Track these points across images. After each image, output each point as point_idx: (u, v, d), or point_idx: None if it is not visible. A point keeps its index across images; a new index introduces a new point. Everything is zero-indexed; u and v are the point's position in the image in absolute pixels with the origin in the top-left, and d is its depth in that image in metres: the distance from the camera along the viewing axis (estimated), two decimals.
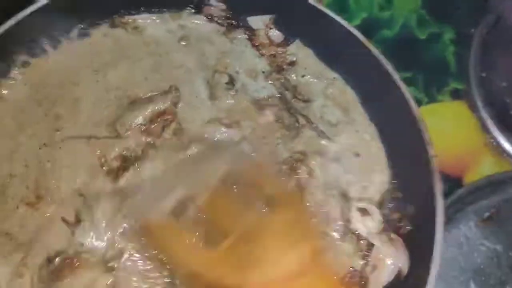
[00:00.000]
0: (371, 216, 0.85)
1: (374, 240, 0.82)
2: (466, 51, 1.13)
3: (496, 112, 1.07)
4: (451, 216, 0.97)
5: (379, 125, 0.91)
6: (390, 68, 0.85)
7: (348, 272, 0.80)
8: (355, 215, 0.84)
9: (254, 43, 0.95)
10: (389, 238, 0.83)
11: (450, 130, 1.08)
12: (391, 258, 0.81)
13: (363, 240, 0.82)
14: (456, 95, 1.11)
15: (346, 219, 0.83)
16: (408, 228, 0.84)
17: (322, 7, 0.89)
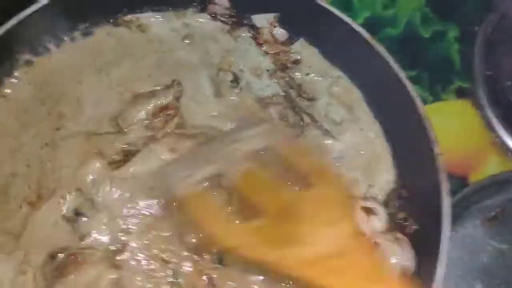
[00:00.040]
0: (376, 215, 0.84)
1: (379, 239, 0.82)
2: (470, 49, 1.13)
3: (501, 111, 1.06)
4: (456, 216, 0.96)
5: (384, 123, 0.91)
6: (396, 66, 0.84)
7: None
8: (360, 215, 0.83)
9: (258, 41, 0.95)
10: (394, 237, 0.83)
11: (455, 129, 1.07)
12: (397, 258, 0.81)
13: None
14: (461, 93, 1.10)
15: None
16: (414, 227, 0.84)
17: (327, 5, 0.88)
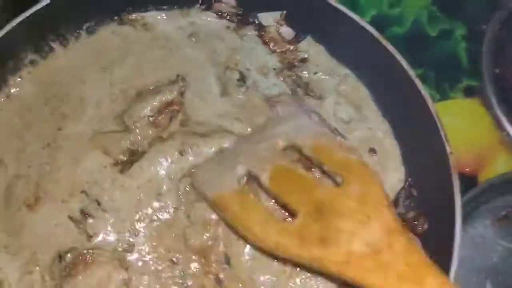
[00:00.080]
0: None
1: None
2: (478, 47, 1.12)
3: (510, 109, 1.05)
4: (466, 215, 0.95)
5: (392, 122, 0.90)
6: (405, 64, 0.83)
7: None
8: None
9: (264, 40, 0.94)
10: None
11: (463, 127, 1.06)
12: None
13: None
14: (469, 92, 1.09)
15: None
16: (424, 227, 0.83)
17: (335, 2, 0.87)
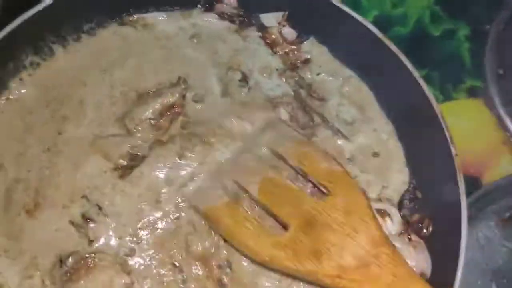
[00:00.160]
0: (390, 217, 0.82)
1: (395, 242, 0.80)
2: (481, 48, 1.11)
3: None
4: (471, 217, 0.92)
5: (396, 123, 0.89)
6: (409, 64, 0.83)
7: None
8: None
9: (267, 41, 0.93)
10: (410, 240, 0.81)
11: (467, 128, 1.06)
12: (413, 261, 0.79)
13: None
14: (472, 92, 1.09)
15: None
16: (429, 229, 0.82)
17: (337, 3, 0.86)
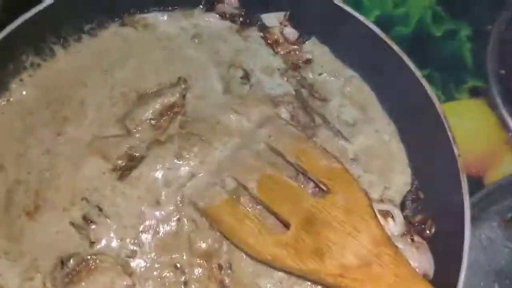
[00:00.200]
0: (393, 218, 0.82)
1: (397, 243, 0.79)
2: (483, 48, 1.11)
3: None
4: (473, 218, 0.92)
5: (398, 123, 0.89)
6: (411, 64, 0.82)
7: None
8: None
9: (268, 41, 0.93)
10: (412, 241, 0.81)
11: (469, 128, 1.05)
12: (415, 262, 0.78)
13: None
14: (474, 93, 1.08)
15: None
16: (432, 230, 0.82)
17: (339, 2, 0.86)
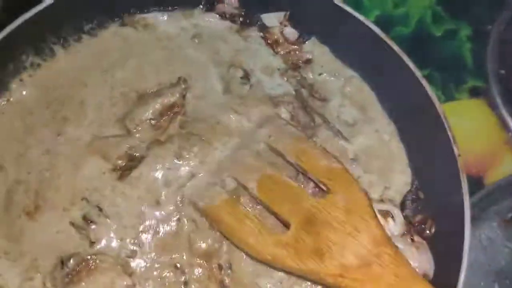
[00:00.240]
0: (393, 218, 0.82)
1: (397, 243, 0.79)
2: (483, 48, 1.11)
3: None
4: (473, 218, 0.92)
5: (398, 123, 0.89)
6: (411, 64, 0.82)
7: None
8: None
9: (268, 41, 0.93)
10: (412, 241, 0.81)
11: (469, 128, 1.05)
12: (415, 262, 0.78)
13: None
14: (474, 93, 1.08)
15: None
16: (432, 230, 0.82)
17: (339, 2, 0.86)
